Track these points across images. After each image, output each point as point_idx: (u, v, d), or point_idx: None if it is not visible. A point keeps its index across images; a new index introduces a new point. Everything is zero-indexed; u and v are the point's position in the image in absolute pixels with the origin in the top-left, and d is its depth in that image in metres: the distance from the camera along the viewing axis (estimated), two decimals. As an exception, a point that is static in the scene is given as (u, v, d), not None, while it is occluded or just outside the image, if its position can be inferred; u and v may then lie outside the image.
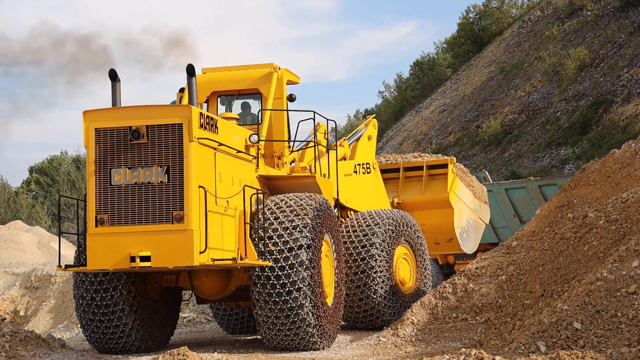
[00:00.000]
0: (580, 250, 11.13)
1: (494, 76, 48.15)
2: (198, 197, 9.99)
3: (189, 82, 10.71)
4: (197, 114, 10.20)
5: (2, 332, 11.24)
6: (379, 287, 13.28)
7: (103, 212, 10.15)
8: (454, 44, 58.46)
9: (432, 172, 16.03)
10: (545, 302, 10.60)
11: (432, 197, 15.78)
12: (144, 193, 10.07)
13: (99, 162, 10.20)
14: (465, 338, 11.13)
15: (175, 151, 10.04)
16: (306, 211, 11.14)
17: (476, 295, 11.76)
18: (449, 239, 16.11)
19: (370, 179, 14.90)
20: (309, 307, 10.83)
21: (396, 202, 15.86)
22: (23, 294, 25.79)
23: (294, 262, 10.78)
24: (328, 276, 11.80)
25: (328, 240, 11.84)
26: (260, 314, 10.96)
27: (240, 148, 11.42)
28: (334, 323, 11.69)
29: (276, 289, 10.78)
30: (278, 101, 12.74)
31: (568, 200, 12.88)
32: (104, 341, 11.42)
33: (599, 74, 37.96)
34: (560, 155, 34.92)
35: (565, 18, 46.37)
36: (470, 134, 43.49)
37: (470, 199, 16.65)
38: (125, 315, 11.22)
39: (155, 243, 9.96)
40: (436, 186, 15.92)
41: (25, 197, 67.08)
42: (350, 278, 13.33)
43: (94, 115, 10.34)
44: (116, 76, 10.72)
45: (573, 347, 8.83)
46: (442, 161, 16.15)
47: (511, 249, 12.41)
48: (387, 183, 15.86)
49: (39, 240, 40.70)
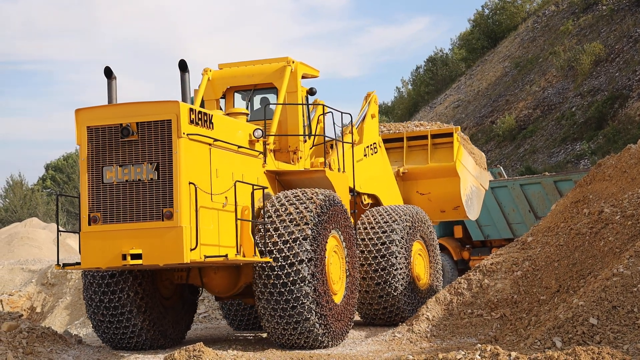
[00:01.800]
0: (596, 246, 11.09)
1: (509, 71, 48.00)
2: (188, 194, 9.90)
3: (181, 78, 10.63)
4: (186, 110, 10.08)
5: (20, 329, 11.31)
6: (399, 284, 13.25)
7: (96, 210, 10.13)
8: (468, 39, 58.29)
9: (436, 141, 15.98)
10: (561, 297, 10.59)
11: (439, 166, 15.74)
12: (134, 190, 10.02)
13: (91, 160, 10.18)
14: (480, 334, 11.11)
15: (165, 148, 9.95)
16: (309, 207, 11.03)
17: (491, 291, 11.74)
18: (455, 206, 16.12)
19: (378, 159, 14.80)
20: (311, 305, 10.74)
21: (401, 171, 15.79)
22: (39, 291, 25.97)
23: (294, 259, 10.69)
24: (337, 273, 11.64)
25: (337, 236, 11.70)
26: (264, 311, 10.94)
27: (243, 143, 11.29)
28: (343, 321, 11.54)
29: (278, 287, 10.72)
30: (292, 95, 12.64)
31: (584, 195, 12.84)
32: (116, 341, 11.51)
33: (615, 68, 37.77)
34: (575, 150, 34.79)
35: (580, 13, 46.15)
36: (485, 130, 43.37)
37: (473, 166, 16.67)
38: (134, 316, 11.27)
39: (146, 241, 9.90)
40: (441, 155, 15.88)
41: (41, 195, 67.55)
42: (369, 275, 13.26)
43: (86, 113, 10.31)
44: (111, 74, 10.71)
45: (589, 342, 8.80)
46: (447, 130, 16.08)
47: (526, 245, 12.38)
48: (390, 152, 15.81)
49: (54, 237, 40.93)
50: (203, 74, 13.27)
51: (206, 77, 13.21)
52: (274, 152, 12.46)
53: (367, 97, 14.76)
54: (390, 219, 13.56)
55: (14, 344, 10.83)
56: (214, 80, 13.21)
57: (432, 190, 15.82)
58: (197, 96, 13.01)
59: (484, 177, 17.41)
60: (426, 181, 15.83)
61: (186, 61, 10.60)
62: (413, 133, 16.21)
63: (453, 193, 15.89)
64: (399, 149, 16.09)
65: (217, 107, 13.11)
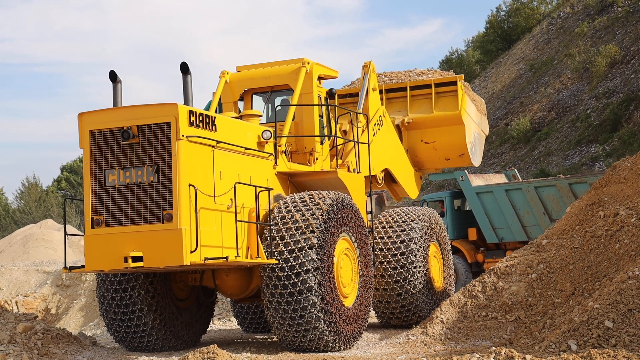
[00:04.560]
0: (611, 249, 11.05)
1: (523, 73, 47.82)
2: (188, 196, 9.90)
3: (184, 80, 10.65)
4: (186, 112, 10.08)
5: (35, 330, 11.39)
6: (418, 282, 13.28)
7: (99, 213, 10.20)
8: (483, 41, 58.13)
9: (440, 89, 15.92)
10: (576, 300, 10.56)
11: (444, 114, 15.71)
12: (135, 193, 10.07)
13: (94, 163, 10.25)
14: (495, 337, 11.09)
15: (164, 150, 9.99)
16: (318, 209, 11.01)
17: (506, 293, 11.71)
18: (460, 154, 16.22)
19: (384, 132, 14.72)
20: (319, 313, 10.70)
21: (406, 121, 15.76)
22: (54, 292, 26.09)
23: (300, 269, 10.65)
24: (348, 276, 11.57)
25: (347, 238, 11.64)
26: (271, 314, 10.93)
27: (251, 145, 11.27)
28: (354, 324, 11.49)
29: (285, 296, 10.71)
30: (307, 96, 12.63)
31: (599, 198, 12.78)
32: (127, 340, 11.58)
33: (630, 70, 37.57)
34: (590, 152, 34.63)
35: (595, 15, 45.95)
36: (499, 132, 43.23)
37: (475, 113, 16.67)
38: (145, 315, 11.33)
39: (146, 243, 9.94)
40: (445, 104, 15.83)
41: (55, 196, 67.88)
42: (389, 273, 13.26)
43: (89, 117, 10.38)
44: (116, 77, 10.78)
45: (604, 345, 8.77)
46: (450, 79, 15.99)
47: (541, 247, 12.34)
48: (394, 102, 15.82)
49: (69, 238, 41.13)
50: (220, 76, 13.29)
51: (223, 80, 13.23)
52: (291, 153, 12.44)
53: (366, 68, 14.37)
54: (409, 218, 13.66)
55: (29, 345, 10.91)
56: (232, 83, 13.22)
57: (437, 138, 15.87)
58: (214, 98, 13.04)
59: (484, 123, 17.49)
60: (431, 130, 15.84)
61: (187, 64, 10.63)
62: (416, 82, 16.07)
63: (458, 141, 15.97)
64: (402, 99, 16.04)
65: (235, 109, 13.12)
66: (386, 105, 15.58)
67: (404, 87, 15.99)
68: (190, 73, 10.65)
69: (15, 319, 11.67)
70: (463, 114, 15.75)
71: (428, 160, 16.22)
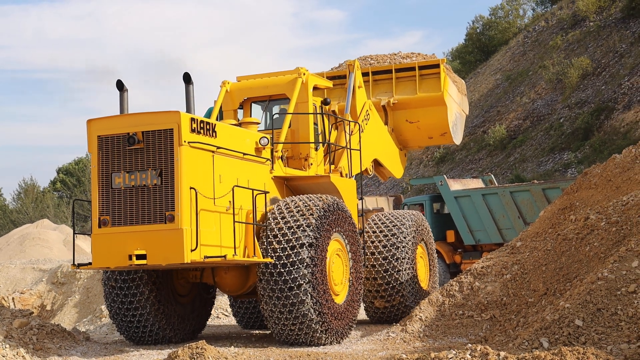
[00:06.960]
0: (582, 251, 11.17)
1: (500, 84, 48.34)
2: (189, 198, 10.35)
3: (186, 89, 11.19)
4: (187, 119, 10.56)
5: (30, 326, 11.59)
6: (407, 283, 13.70)
7: (105, 213, 10.64)
8: (462, 52, 58.68)
9: (423, 72, 16.33)
10: (548, 300, 10.74)
11: (427, 96, 16.13)
12: (140, 195, 10.52)
13: (101, 166, 10.71)
14: (471, 334, 11.29)
15: (167, 155, 10.44)
16: (311, 211, 11.40)
17: (482, 293, 11.87)
18: (443, 133, 16.65)
19: (371, 124, 15.10)
20: (311, 304, 11.13)
21: (392, 102, 16.14)
22: (50, 289, 26.19)
23: (295, 260, 11.08)
24: (339, 275, 12.00)
25: (340, 240, 12.05)
26: (267, 309, 11.34)
27: (249, 151, 11.70)
28: (344, 320, 11.92)
29: (279, 285, 11.12)
30: (302, 105, 13.04)
31: (570, 202, 12.99)
32: (130, 331, 12.00)
33: (601, 82, 38.22)
34: (563, 159, 35.18)
35: (568, 28, 46.59)
36: (477, 139, 43.74)
37: (456, 94, 17.06)
38: (147, 309, 11.76)
39: (150, 242, 10.38)
40: (429, 85, 16.24)
41: (51, 197, 67.76)
42: (380, 274, 13.67)
43: (97, 123, 10.85)
44: (123, 86, 11.26)
45: (575, 343, 8.88)
46: (434, 61, 16.42)
47: (515, 249, 12.55)
48: (380, 84, 16.22)
49: (64, 238, 41.19)
50: (221, 86, 13.70)
51: (224, 89, 13.64)
52: (287, 159, 12.87)
53: (351, 67, 14.67)
54: (398, 221, 14.10)
55: (25, 340, 11.12)
56: (232, 92, 13.67)
57: (420, 118, 16.31)
58: (215, 106, 13.51)
59: (464, 103, 17.94)
60: (415, 110, 16.28)
61: (190, 74, 11.14)
62: (401, 65, 16.52)
63: (441, 121, 16.42)
64: (387, 81, 16.45)
65: (235, 117, 13.52)
66: (372, 87, 16.08)
67: (389, 70, 16.42)
68: (193, 83, 11.13)
69: (11, 315, 11.87)
70: (445, 95, 16.17)
71: (412, 139, 16.66)
